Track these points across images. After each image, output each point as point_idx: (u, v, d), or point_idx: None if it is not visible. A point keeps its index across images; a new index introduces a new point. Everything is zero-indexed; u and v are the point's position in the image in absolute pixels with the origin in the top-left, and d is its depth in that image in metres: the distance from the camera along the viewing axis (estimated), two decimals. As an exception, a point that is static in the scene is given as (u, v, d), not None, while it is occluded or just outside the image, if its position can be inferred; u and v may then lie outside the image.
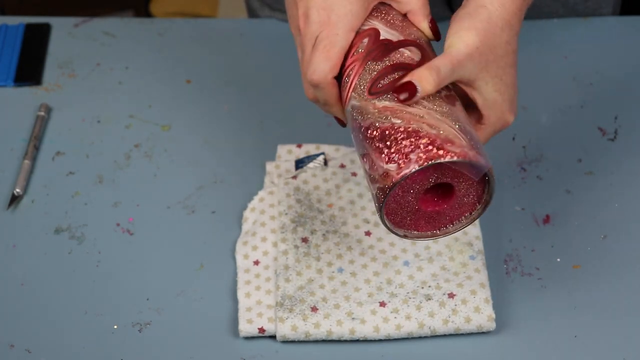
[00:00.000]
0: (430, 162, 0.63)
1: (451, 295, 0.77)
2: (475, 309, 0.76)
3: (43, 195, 0.87)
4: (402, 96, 0.64)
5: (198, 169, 0.89)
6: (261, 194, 0.86)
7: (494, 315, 0.76)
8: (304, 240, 0.81)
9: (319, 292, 0.78)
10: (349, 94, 0.68)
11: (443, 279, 0.79)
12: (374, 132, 0.65)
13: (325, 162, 0.88)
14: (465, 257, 0.80)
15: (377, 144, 0.65)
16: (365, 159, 0.66)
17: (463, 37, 0.66)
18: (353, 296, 0.78)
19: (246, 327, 0.77)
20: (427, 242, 0.81)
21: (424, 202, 0.67)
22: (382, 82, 0.66)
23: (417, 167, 0.63)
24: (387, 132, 0.64)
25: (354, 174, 0.86)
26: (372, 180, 0.65)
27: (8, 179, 0.88)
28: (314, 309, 0.77)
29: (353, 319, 0.76)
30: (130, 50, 1.00)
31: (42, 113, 0.93)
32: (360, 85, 0.67)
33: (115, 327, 0.78)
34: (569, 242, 0.83)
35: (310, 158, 0.87)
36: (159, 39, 1.01)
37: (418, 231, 0.69)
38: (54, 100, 0.95)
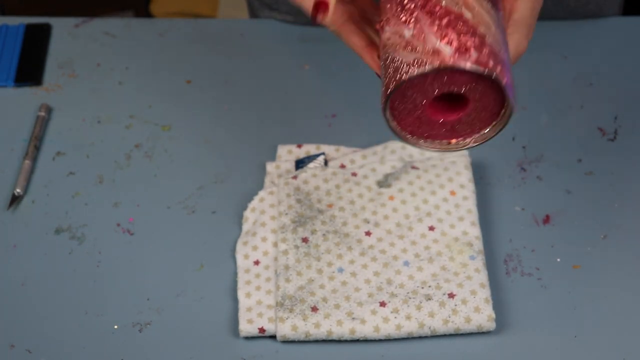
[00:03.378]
0: (486, 71, 0.59)
1: (451, 295, 0.77)
2: (475, 309, 0.77)
3: (43, 195, 0.87)
4: None
5: (198, 169, 0.89)
6: (261, 194, 0.86)
7: (494, 315, 0.76)
8: (304, 240, 0.81)
9: (319, 292, 0.78)
10: None
11: (443, 279, 0.79)
12: (438, 9, 0.62)
13: (326, 162, 0.88)
14: (465, 257, 0.80)
15: (437, 20, 0.61)
16: (409, 24, 0.62)
17: None
18: (353, 296, 0.78)
19: (246, 327, 0.77)
20: (427, 241, 0.81)
21: (431, 108, 0.64)
22: None
23: (472, 65, 0.59)
24: (453, 16, 0.61)
25: (354, 174, 0.86)
26: (406, 46, 0.61)
27: (8, 179, 0.88)
28: (314, 309, 0.77)
29: (353, 319, 0.76)
30: (131, 51, 1.00)
31: (43, 113, 0.93)
32: None
33: (116, 327, 0.78)
34: (569, 242, 0.83)
35: (311, 158, 0.87)
36: (159, 39, 1.01)
37: (411, 135, 0.66)
38: (54, 101, 0.95)
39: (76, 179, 0.89)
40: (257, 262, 0.81)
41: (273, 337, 0.77)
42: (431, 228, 0.82)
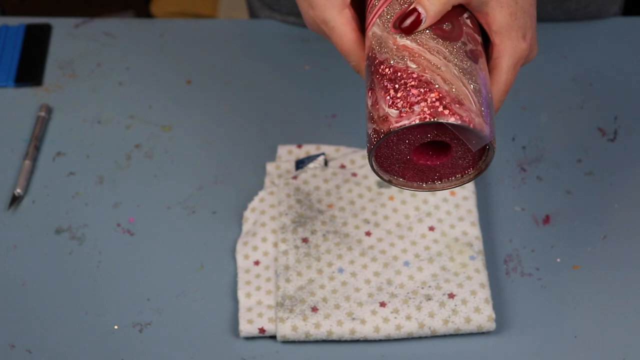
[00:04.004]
0: (432, 120, 0.59)
1: (451, 296, 0.77)
2: (475, 309, 0.77)
3: (44, 195, 0.87)
4: (406, 22, 0.62)
5: (198, 170, 0.89)
6: (261, 194, 0.86)
7: (494, 316, 0.77)
8: (304, 240, 0.81)
9: (319, 292, 0.78)
10: (374, 19, 0.65)
11: (443, 279, 0.79)
12: (386, 70, 0.62)
13: (326, 163, 0.88)
14: (465, 257, 0.80)
15: (386, 83, 0.62)
16: (370, 93, 0.63)
17: None
18: (353, 296, 0.78)
19: (246, 328, 0.77)
20: (427, 241, 0.81)
21: (417, 154, 0.65)
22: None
23: (417, 121, 0.60)
24: (399, 73, 0.61)
25: (354, 175, 0.86)
26: (370, 118, 0.62)
27: (9, 180, 0.88)
28: (314, 309, 0.77)
29: (353, 319, 0.77)
30: (131, 51, 1.00)
31: (43, 113, 0.93)
32: (387, 14, 0.64)
33: (116, 327, 0.78)
34: (569, 242, 0.83)
35: (311, 158, 0.87)
36: (160, 40, 1.01)
37: (404, 179, 0.66)
38: (54, 101, 0.95)
39: (76, 179, 0.89)
40: (257, 263, 0.81)
41: (273, 337, 0.77)
42: (431, 228, 0.82)
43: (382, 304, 0.77)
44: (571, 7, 0.99)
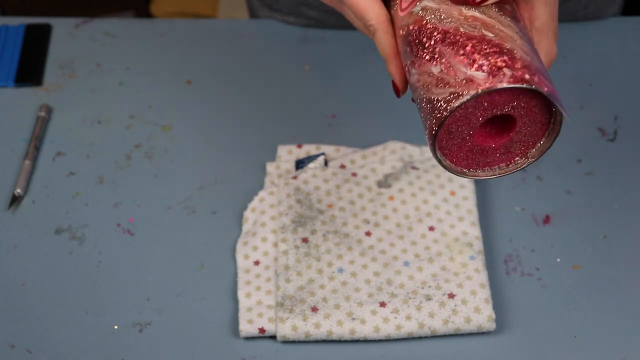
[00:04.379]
0: (525, 85, 0.58)
1: (451, 296, 0.77)
2: (475, 309, 0.77)
3: (44, 195, 0.87)
4: None
5: (198, 169, 0.89)
6: (261, 194, 0.86)
7: (494, 316, 0.77)
8: (304, 240, 0.81)
9: (319, 292, 0.78)
10: None
11: (443, 279, 0.79)
12: (459, 38, 0.61)
13: (326, 163, 0.88)
14: (465, 257, 0.80)
15: (462, 50, 0.60)
16: (434, 61, 0.61)
17: None
18: (353, 296, 0.78)
19: (246, 328, 0.77)
20: (427, 241, 0.81)
21: (479, 135, 0.63)
22: None
23: (508, 83, 0.58)
24: (476, 41, 0.60)
25: (354, 175, 0.86)
26: (438, 83, 0.60)
27: (9, 180, 0.88)
28: (314, 309, 0.77)
29: (353, 319, 0.77)
30: (131, 51, 1.00)
31: (43, 113, 0.93)
32: None
33: (116, 327, 0.78)
34: (569, 242, 0.83)
35: (311, 158, 0.87)
36: (160, 40, 1.01)
37: (468, 168, 0.65)
38: (54, 101, 0.95)
39: (76, 179, 0.89)
40: (257, 263, 0.81)
41: (273, 337, 0.77)
42: (431, 228, 0.82)
43: (382, 304, 0.77)
44: (571, 7, 0.99)
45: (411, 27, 0.64)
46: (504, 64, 0.59)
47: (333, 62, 0.98)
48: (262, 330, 0.77)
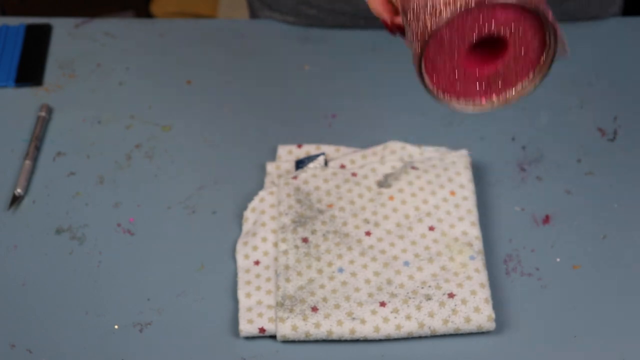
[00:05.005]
0: (532, 7, 0.57)
1: (451, 296, 0.77)
2: (475, 309, 0.77)
3: (44, 195, 0.87)
4: None
5: (198, 169, 0.89)
6: (261, 194, 0.86)
7: (493, 316, 0.77)
8: (304, 240, 0.81)
9: (319, 292, 0.78)
10: None
11: (443, 279, 0.79)
12: None
13: (326, 163, 0.88)
14: (465, 257, 0.80)
15: None
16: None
17: None
18: (353, 296, 0.78)
19: (246, 327, 0.77)
20: (427, 241, 0.81)
21: (467, 58, 0.62)
22: None
23: (516, 1, 0.57)
24: None
25: (354, 174, 0.86)
26: (419, 16, 0.60)
27: (9, 180, 0.88)
28: (314, 309, 0.77)
29: (353, 319, 0.77)
30: (131, 51, 1.00)
31: (43, 113, 0.93)
32: None
33: (116, 327, 0.78)
34: (569, 242, 0.83)
35: (311, 158, 0.87)
36: (160, 40, 1.01)
37: (444, 92, 0.64)
38: (54, 101, 0.95)
39: (76, 179, 0.89)
40: (257, 262, 0.81)
41: (273, 337, 0.77)
42: (431, 228, 0.82)
43: (382, 304, 0.77)
44: (571, 7, 0.99)
45: None
46: None
47: (333, 62, 0.98)
48: (262, 330, 0.77)
